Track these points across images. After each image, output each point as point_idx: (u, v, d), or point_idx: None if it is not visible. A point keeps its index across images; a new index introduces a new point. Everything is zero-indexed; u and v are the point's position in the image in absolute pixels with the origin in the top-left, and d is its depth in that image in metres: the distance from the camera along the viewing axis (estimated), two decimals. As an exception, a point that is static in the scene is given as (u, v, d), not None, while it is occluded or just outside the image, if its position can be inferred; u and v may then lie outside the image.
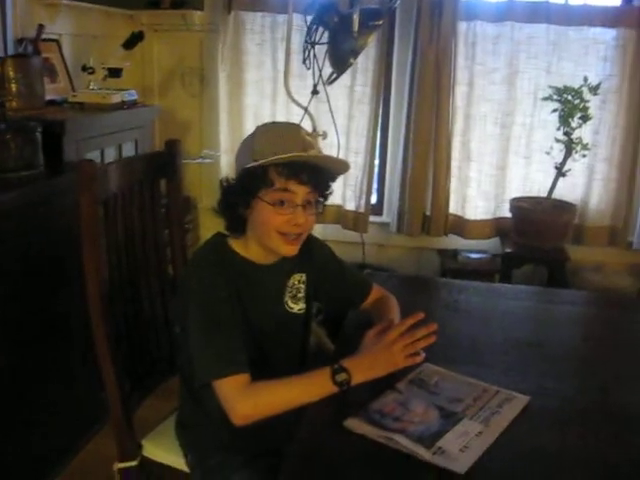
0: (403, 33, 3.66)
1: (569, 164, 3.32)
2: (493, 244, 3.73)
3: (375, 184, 3.91)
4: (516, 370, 1.62)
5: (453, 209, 3.75)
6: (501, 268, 3.48)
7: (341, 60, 2.80)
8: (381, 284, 1.89)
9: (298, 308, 1.69)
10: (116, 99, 2.94)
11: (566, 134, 3.25)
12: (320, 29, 2.84)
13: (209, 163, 3.75)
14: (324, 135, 3.10)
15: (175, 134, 2.93)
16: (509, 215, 3.55)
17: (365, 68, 3.61)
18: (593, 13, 3.41)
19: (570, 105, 3.21)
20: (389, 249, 3.92)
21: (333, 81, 2.93)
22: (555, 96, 3.23)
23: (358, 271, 1.89)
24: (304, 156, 1.47)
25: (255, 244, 1.57)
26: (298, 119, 2.99)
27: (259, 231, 1.53)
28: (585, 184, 3.61)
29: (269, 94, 3.77)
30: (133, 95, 3.09)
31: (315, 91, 2.99)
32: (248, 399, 1.39)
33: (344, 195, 3.82)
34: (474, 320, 1.97)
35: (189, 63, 3.86)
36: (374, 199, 3.93)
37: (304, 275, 1.70)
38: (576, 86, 3.22)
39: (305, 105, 3.00)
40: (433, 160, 3.66)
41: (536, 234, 3.37)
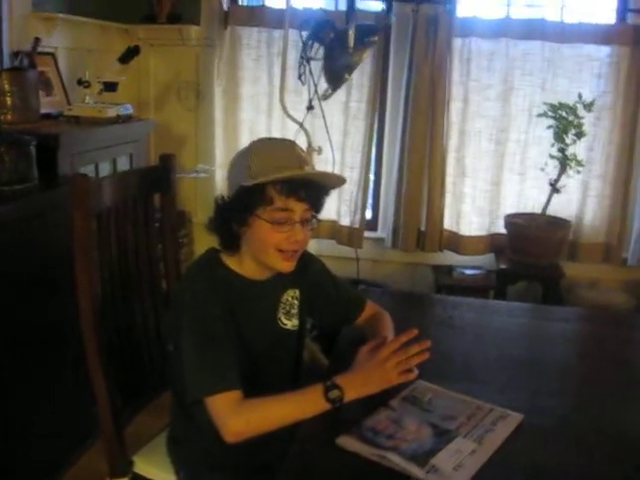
0: (398, 49, 3.68)
1: (563, 180, 3.33)
2: (488, 260, 3.73)
3: (370, 200, 3.91)
4: (510, 387, 1.61)
5: (448, 225, 3.75)
6: (496, 284, 3.48)
7: (336, 76, 2.81)
8: (375, 300, 1.89)
9: (292, 324, 1.68)
10: (111, 113, 2.94)
11: (560, 150, 3.27)
12: (316, 45, 2.86)
13: (204, 177, 3.75)
14: (319, 150, 3.11)
15: (170, 148, 2.94)
16: (504, 231, 3.55)
17: (360, 84, 3.62)
18: (587, 30, 3.43)
19: (564, 122, 3.22)
20: (384, 265, 3.92)
21: (328, 97, 2.95)
22: (550, 113, 3.25)
23: (352, 287, 1.88)
24: (305, 174, 1.47)
25: (250, 260, 1.56)
26: (293, 134, 3.00)
27: (256, 248, 1.52)
28: (579, 200, 3.61)
29: (265, 109, 3.77)
30: (128, 109, 3.09)
31: (310, 106, 3.01)
32: (240, 416, 1.37)
33: (339, 210, 3.82)
34: (468, 337, 1.97)
35: (185, 77, 3.87)
36: (369, 214, 3.93)
37: (297, 291, 1.69)
38: (570, 103, 3.24)
39: (300, 120, 3.01)
40: (428, 176, 3.66)
41: (531, 250, 3.37)
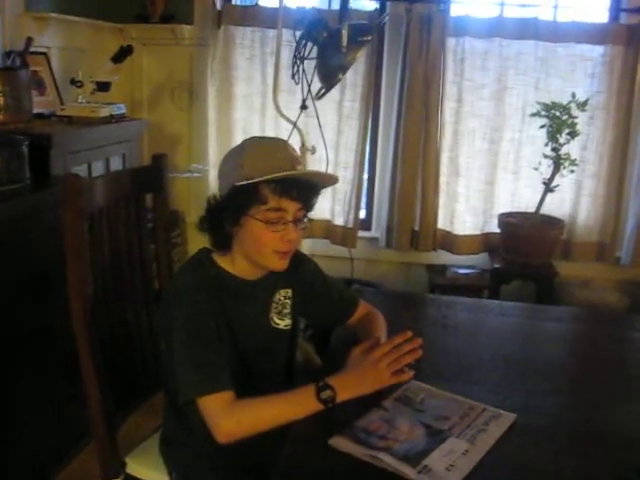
0: (392, 49, 3.68)
1: (557, 180, 3.33)
2: (482, 259, 3.73)
3: (364, 199, 3.91)
4: (503, 387, 1.61)
5: (442, 224, 3.75)
6: (490, 284, 3.48)
7: (330, 75, 2.80)
8: (369, 300, 1.88)
9: (284, 324, 1.67)
10: (104, 113, 2.93)
11: (554, 150, 3.27)
12: (309, 44, 2.85)
13: (197, 177, 3.75)
14: (313, 150, 3.10)
15: (164, 148, 2.93)
16: (497, 230, 3.56)
17: (354, 83, 3.62)
18: (581, 30, 3.44)
19: (558, 121, 3.23)
20: (378, 264, 3.91)
21: (322, 96, 2.94)
22: (543, 112, 3.25)
23: (345, 287, 1.88)
24: (299, 173, 1.47)
25: (242, 260, 1.55)
26: (287, 134, 3.00)
27: (249, 248, 1.52)
28: (573, 200, 3.62)
29: (258, 108, 3.77)
30: (121, 109, 3.09)
31: (304, 106, 3.00)
32: (232, 417, 1.37)
33: (333, 210, 3.81)
34: (462, 336, 1.96)
35: (178, 77, 3.86)
36: (363, 214, 3.93)
37: (290, 290, 1.68)
38: (564, 102, 3.25)
39: (294, 120, 3.00)
40: (422, 175, 3.66)
41: (524, 249, 3.38)
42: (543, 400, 1.55)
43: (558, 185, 3.35)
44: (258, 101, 3.76)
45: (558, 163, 3.28)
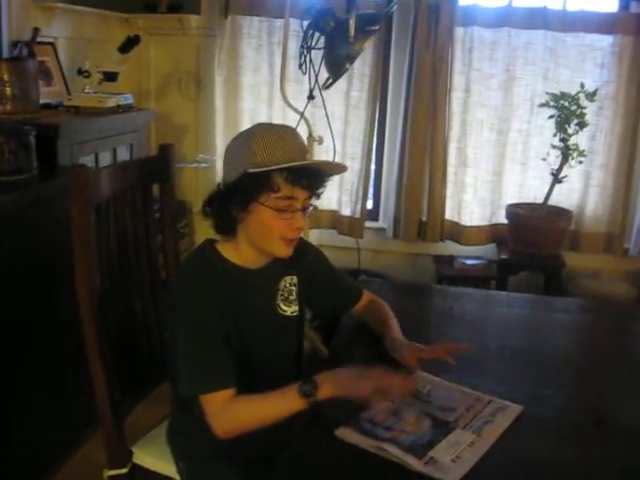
0: (400, 38, 3.66)
1: (565, 170, 3.31)
2: (489, 250, 3.73)
3: (371, 189, 3.90)
4: (510, 378, 1.61)
5: (449, 215, 3.74)
6: (497, 274, 3.48)
7: (337, 65, 2.79)
8: (375, 291, 1.89)
9: (291, 311, 1.67)
10: (111, 103, 2.92)
11: (562, 140, 3.25)
12: (316, 34, 2.84)
13: (205, 167, 3.75)
14: (320, 140, 3.10)
15: (171, 138, 2.92)
16: (505, 221, 3.55)
17: (361, 73, 3.61)
18: (590, 19, 3.41)
19: (567, 111, 3.21)
20: (385, 255, 3.91)
21: (329, 86, 2.92)
22: (552, 102, 3.23)
23: (349, 277, 1.88)
24: (313, 163, 1.50)
25: (246, 246, 1.55)
26: (294, 124, 2.98)
27: (256, 234, 1.52)
28: (581, 190, 3.60)
29: (265, 98, 3.77)
30: (128, 99, 3.08)
31: (311, 96, 2.99)
32: (226, 416, 1.42)
33: (340, 200, 3.81)
34: (469, 328, 1.96)
35: (185, 67, 3.85)
36: (370, 204, 3.92)
37: (295, 277, 1.68)
38: (573, 92, 3.23)
39: (301, 110, 2.99)
40: (429, 166, 3.65)
41: (532, 240, 3.36)
42: (549, 391, 1.55)
43: (566, 176, 3.34)
44: (265, 91, 3.76)
45: (566, 154, 3.26)
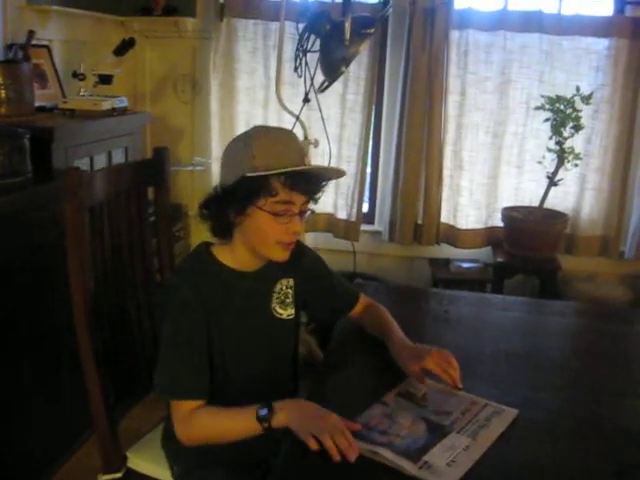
0: (395, 41, 3.66)
1: (561, 174, 3.31)
2: (485, 253, 3.72)
3: (367, 192, 3.90)
4: (505, 382, 1.60)
5: (445, 218, 3.74)
6: (493, 278, 3.48)
7: (333, 68, 2.79)
8: (371, 294, 1.88)
9: (287, 314, 1.67)
10: (107, 106, 2.92)
11: (558, 143, 3.25)
12: (312, 37, 2.84)
13: (200, 170, 3.74)
14: (316, 143, 3.10)
15: (167, 141, 2.93)
16: (501, 224, 3.55)
17: (357, 76, 3.61)
18: (585, 23, 3.42)
19: (562, 115, 3.21)
20: (381, 258, 3.91)
21: (325, 89, 2.92)
22: (547, 105, 3.23)
23: (346, 280, 1.88)
24: (312, 168, 1.48)
25: (243, 249, 1.55)
26: (290, 127, 2.98)
27: (252, 237, 1.52)
28: (577, 194, 3.60)
29: (261, 101, 3.76)
30: (124, 102, 3.07)
31: (307, 99, 2.99)
32: (190, 425, 1.44)
33: (335, 203, 3.80)
34: (464, 331, 1.95)
35: (181, 70, 3.84)
36: (366, 208, 3.92)
37: (291, 280, 1.68)
38: (568, 96, 3.23)
39: (297, 113, 2.99)
40: (425, 169, 3.65)
41: (528, 244, 3.36)
42: (545, 395, 1.54)
43: (562, 179, 3.34)
44: (261, 94, 3.75)
45: (562, 157, 3.26)
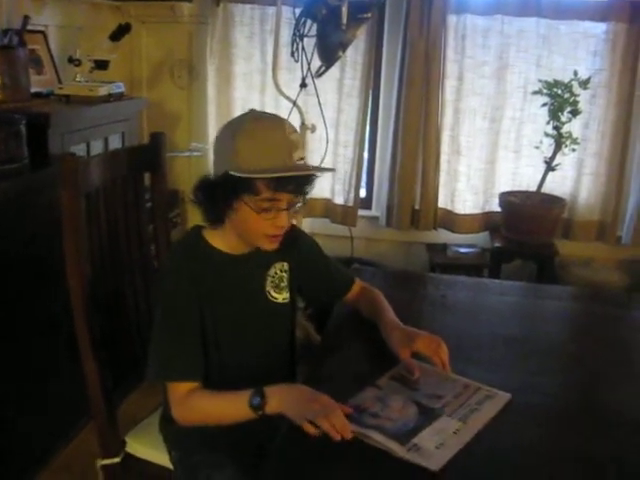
0: (393, 26, 3.64)
1: (558, 158, 3.31)
2: (482, 238, 3.73)
3: (364, 178, 3.90)
4: (502, 366, 1.61)
5: (442, 203, 3.74)
6: (490, 263, 3.48)
7: (330, 53, 2.79)
8: (368, 279, 1.89)
9: (282, 298, 1.67)
10: (103, 91, 2.91)
11: (556, 128, 3.25)
12: (309, 22, 2.83)
13: (197, 156, 3.73)
14: (313, 128, 3.10)
15: (163, 127, 2.92)
16: (498, 209, 3.55)
17: (354, 61, 3.59)
18: (583, 7, 3.40)
19: (560, 99, 3.20)
20: (378, 243, 3.91)
21: (322, 74, 2.92)
22: (545, 90, 3.22)
23: (342, 265, 1.88)
24: (296, 174, 1.42)
25: (234, 235, 1.55)
26: (287, 112, 2.98)
27: (241, 229, 1.51)
28: (574, 178, 3.60)
29: (258, 87, 3.75)
30: (120, 87, 3.06)
31: (304, 84, 2.98)
32: (186, 407, 1.46)
33: (333, 189, 3.80)
34: (461, 315, 1.96)
35: (178, 55, 3.83)
36: (363, 193, 3.92)
37: (286, 264, 1.68)
38: (566, 80, 3.22)
39: (294, 98, 2.99)
40: (422, 154, 3.64)
41: (525, 228, 3.36)
42: (541, 379, 1.55)
43: (559, 164, 3.33)
44: (258, 79, 3.74)
45: (559, 142, 3.26)
